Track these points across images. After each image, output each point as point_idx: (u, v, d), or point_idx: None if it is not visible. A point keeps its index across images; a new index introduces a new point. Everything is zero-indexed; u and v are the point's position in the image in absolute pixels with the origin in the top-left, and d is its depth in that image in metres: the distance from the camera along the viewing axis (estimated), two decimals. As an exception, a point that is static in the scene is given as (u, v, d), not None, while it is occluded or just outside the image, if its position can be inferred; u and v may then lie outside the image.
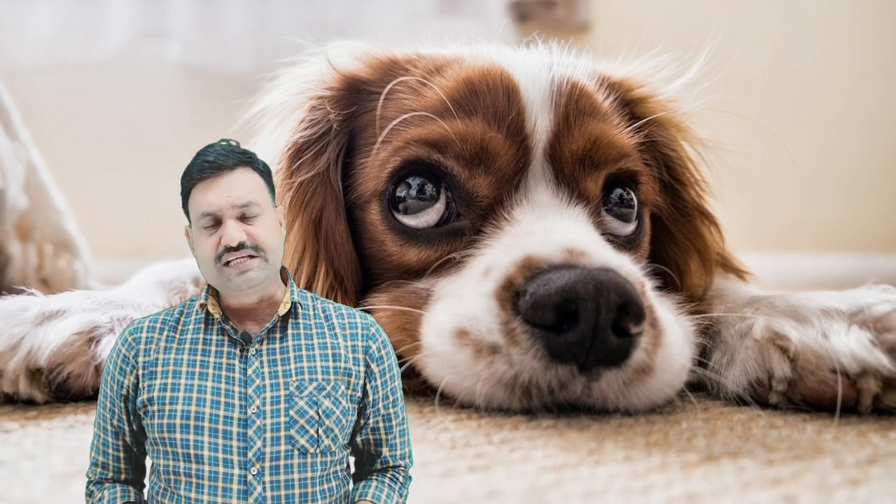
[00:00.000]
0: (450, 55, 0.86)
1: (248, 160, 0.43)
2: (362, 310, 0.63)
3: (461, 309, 0.66)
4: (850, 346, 0.64)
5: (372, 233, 0.80)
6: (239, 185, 0.42)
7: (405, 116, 0.78)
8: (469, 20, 2.86)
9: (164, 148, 2.92)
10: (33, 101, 2.28)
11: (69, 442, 0.57)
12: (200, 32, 2.83)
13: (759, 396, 0.69)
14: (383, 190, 0.79)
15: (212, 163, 0.42)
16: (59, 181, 1.60)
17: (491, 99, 0.77)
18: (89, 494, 0.43)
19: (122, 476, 0.43)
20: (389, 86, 0.81)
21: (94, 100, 2.98)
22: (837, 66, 3.07)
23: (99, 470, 0.43)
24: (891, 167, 3.06)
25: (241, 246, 0.41)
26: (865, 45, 3.07)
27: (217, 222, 0.41)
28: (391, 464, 0.44)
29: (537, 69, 0.81)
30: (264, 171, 0.44)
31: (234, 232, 0.41)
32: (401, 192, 0.78)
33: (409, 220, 0.77)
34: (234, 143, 0.44)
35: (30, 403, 0.67)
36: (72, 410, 0.65)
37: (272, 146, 0.83)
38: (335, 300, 0.76)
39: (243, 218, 0.42)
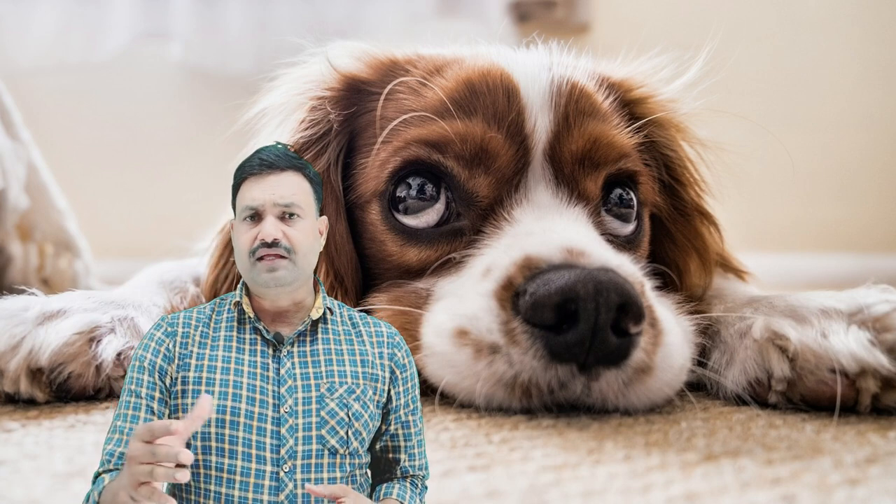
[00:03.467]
0: (450, 56, 0.86)
1: (300, 166, 0.45)
2: (362, 310, 0.63)
3: (461, 309, 0.66)
4: (849, 345, 0.64)
5: (372, 233, 0.80)
6: (285, 186, 0.43)
7: (405, 117, 0.78)
8: (469, 21, 2.86)
9: (164, 148, 2.93)
10: (34, 102, 2.29)
11: (70, 441, 0.57)
12: (201, 33, 2.83)
13: (758, 396, 0.69)
14: (383, 190, 0.79)
15: (265, 160, 0.44)
16: (60, 181, 1.60)
17: (491, 99, 0.78)
18: (97, 486, 0.41)
19: None
20: (390, 86, 0.82)
21: (95, 100, 2.98)
22: (837, 66, 3.07)
23: (115, 460, 0.41)
24: (890, 167, 3.06)
25: (275, 243, 0.42)
26: (864, 46, 3.07)
27: (258, 217, 0.43)
28: (410, 473, 0.45)
29: (537, 70, 0.81)
30: (315, 181, 0.45)
31: (271, 228, 0.42)
32: (401, 193, 0.78)
33: (410, 221, 0.78)
34: (290, 148, 0.46)
35: (31, 403, 0.67)
36: (73, 410, 0.65)
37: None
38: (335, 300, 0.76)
39: (284, 218, 0.43)
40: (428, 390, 0.67)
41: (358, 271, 0.81)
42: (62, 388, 0.66)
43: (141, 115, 2.98)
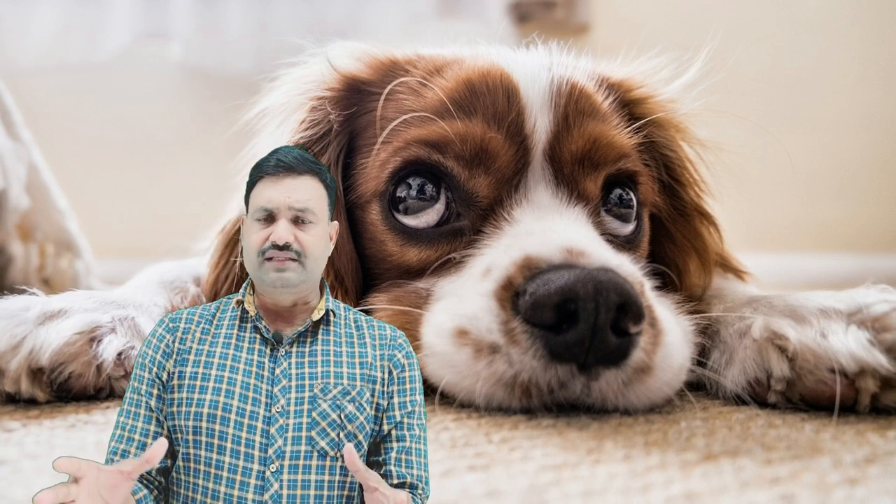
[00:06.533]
0: (450, 56, 0.86)
1: (317, 171, 0.45)
2: (362, 309, 0.62)
3: (461, 309, 0.66)
4: (849, 345, 0.64)
5: (372, 233, 0.80)
6: (301, 190, 0.44)
7: (405, 117, 0.78)
8: (469, 21, 2.86)
9: (165, 148, 2.93)
10: (35, 102, 2.29)
11: (71, 441, 0.57)
12: (201, 33, 2.84)
13: (757, 396, 0.69)
14: (383, 190, 0.79)
15: (283, 162, 0.44)
16: (60, 181, 1.60)
17: (491, 99, 0.78)
18: None
19: None
20: (390, 86, 0.82)
21: (96, 100, 2.98)
22: (836, 67, 3.07)
23: (118, 458, 0.41)
24: (890, 167, 3.07)
25: (286, 247, 0.42)
26: (864, 46, 3.07)
27: (271, 219, 0.43)
28: (406, 480, 0.43)
29: (537, 70, 0.81)
30: (330, 185, 0.46)
31: (283, 231, 0.42)
32: (401, 193, 0.78)
33: (410, 221, 0.78)
34: (309, 153, 0.46)
35: (31, 403, 0.67)
36: (73, 410, 0.65)
37: (273, 147, 0.83)
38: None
39: (297, 222, 0.43)
40: (428, 390, 0.67)
41: (358, 271, 0.81)
42: (63, 387, 0.66)
43: (141, 115, 2.99)
